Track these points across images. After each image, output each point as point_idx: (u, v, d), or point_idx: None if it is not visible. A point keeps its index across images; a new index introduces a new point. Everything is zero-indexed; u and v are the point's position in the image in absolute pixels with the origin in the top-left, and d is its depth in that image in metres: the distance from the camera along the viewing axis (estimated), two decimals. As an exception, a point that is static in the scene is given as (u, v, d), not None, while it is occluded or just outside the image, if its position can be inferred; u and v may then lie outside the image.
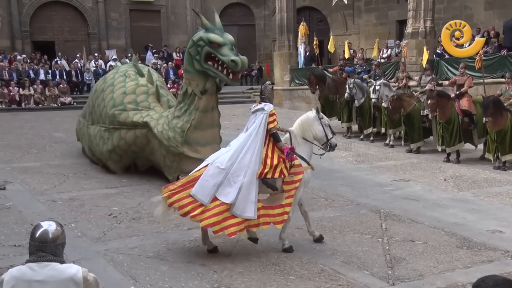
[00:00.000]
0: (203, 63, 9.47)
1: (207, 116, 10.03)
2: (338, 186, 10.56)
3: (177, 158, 10.14)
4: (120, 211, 8.73)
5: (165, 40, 29.51)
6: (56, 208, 8.89)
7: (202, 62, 9.47)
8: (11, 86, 22.52)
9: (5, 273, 3.25)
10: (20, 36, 27.20)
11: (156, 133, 10.28)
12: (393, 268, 6.51)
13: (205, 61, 9.43)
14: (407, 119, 13.89)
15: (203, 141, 10.11)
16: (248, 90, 26.82)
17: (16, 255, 6.65)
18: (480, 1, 22.53)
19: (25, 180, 10.66)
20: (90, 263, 6.25)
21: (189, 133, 9.98)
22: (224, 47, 9.15)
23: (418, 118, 13.72)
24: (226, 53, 9.10)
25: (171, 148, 10.09)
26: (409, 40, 18.70)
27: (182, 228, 7.93)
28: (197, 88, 9.78)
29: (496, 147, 12.04)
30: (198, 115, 9.90)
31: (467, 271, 6.42)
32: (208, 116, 10.05)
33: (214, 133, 10.30)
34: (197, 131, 10.01)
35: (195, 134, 10.02)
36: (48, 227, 3.25)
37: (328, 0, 25.37)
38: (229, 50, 9.15)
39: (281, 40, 24.02)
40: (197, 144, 10.08)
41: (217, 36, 9.24)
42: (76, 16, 28.51)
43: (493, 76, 14.82)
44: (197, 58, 9.53)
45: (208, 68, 9.48)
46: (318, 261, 6.71)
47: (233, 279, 6.14)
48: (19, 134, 16.39)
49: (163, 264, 6.58)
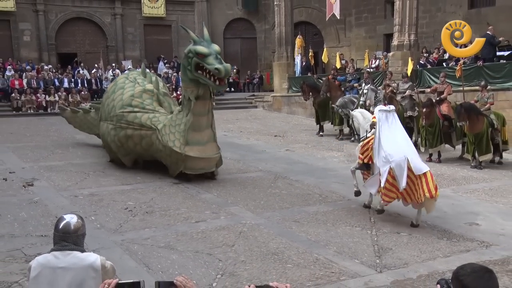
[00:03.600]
0: (194, 72, 9.77)
1: (203, 119, 10.21)
2: (331, 183, 10.55)
3: (181, 158, 10.23)
4: (134, 206, 8.73)
5: (176, 52, 29.49)
6: (77, 203, 8.90)
7: (193, 71, 9.78)
8: (39, 93, 22.59)
9: (32, 260, 3.26)
10: (47, 49, 27.24)
11: (164, 135, 10.36)
12: (380, 257, 6.50)
13: (195, 70, 9.74)
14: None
15: (203, 141, 10.30)
16: (250, 97, 26.75)
17: (42, 244, 6.65)
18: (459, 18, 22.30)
19: (51, 177, 10.67)
20: (108, 252, 6.25)
21: (189, 135, 10.13)
22: (209, 57, 9.44)
23: (402, 119, 13.68)
24: (211, 62, 9.39)
25: (174, 149, 10.18)
26: (395, 52, 18.71)
27: (191, 221, 7.93)
28: (192, 94, 10.02)
29: (474, 148, 12.05)
30: (195, 118, 10.05)
31: (447, 260, 6.42)
32: (204, 118, 10.24)
33: (210, 133, 10.50)
34: (196, 133, 10.17)
35: (194, 136, 10.17)
36: (70, 219, 3.25)
37: (322, 16, 25.35)
38: (213, 59, 9.43)
39: (280, 51, 24.02)
40: (198, 144, 10.22)
41: (203, 48, 9.54)
42: (96, 30, 28.55)
43: (470, 85, 14.78)
44: (188, 68, 9.88)
45: (198, 76, 9.77)
46: (313, 251, 6.70)
47: (236, 267, 6.14)
48: (46, 136, 16.39)
49: (173, 253, 6.58)
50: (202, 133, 10.28)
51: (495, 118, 12.29)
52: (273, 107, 24.21)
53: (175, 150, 10.18)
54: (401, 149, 7.60)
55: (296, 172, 11.51)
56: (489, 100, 12.67)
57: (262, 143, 15.66)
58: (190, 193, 9.66)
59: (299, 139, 16.55)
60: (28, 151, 13.61)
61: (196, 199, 9.24)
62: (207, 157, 10.38)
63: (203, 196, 9.47)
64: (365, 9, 26.53)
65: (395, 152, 7.53)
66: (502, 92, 14.37)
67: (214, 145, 10.60)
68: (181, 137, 10.16)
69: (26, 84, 22.90)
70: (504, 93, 14.38)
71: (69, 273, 3.14)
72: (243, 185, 10.33)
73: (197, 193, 9.64)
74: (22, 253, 6.49)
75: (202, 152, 10.29)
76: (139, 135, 10.85)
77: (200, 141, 10.25)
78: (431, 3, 23.29)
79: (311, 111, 19.70)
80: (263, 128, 18.81)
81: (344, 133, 16.76)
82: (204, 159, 10.37)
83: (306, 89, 17.87)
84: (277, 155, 13.69)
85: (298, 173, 11.40)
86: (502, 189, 10.15)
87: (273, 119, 21.48)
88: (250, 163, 12.21)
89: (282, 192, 9.85)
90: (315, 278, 5.86)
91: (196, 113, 10.05)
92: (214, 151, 10.57)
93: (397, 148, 7.59)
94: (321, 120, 17.52)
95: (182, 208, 8.63)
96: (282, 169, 11.89)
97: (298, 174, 11.34)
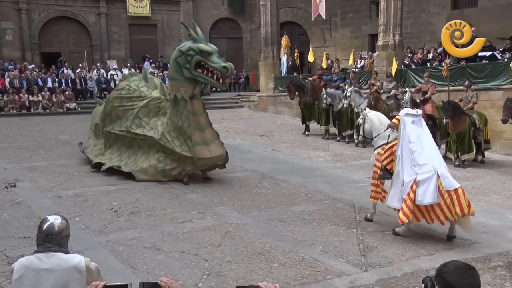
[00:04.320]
0: (193, 71, 9.54)
1: (201, 119, 10.07)
2: (317, 183, 10.58)
3: (190, 161, 10.06)
4: (120, 206, 8.67)
5: (161, 51, 29.39)
6: (62, 204, 8.81)
7: (192, 70, 9.54)
8: (22, 93, 22.30)
9: (15, 263, 3.22)
10: (30, 48, 26.93)
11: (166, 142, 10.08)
12: (366, 256, 6.53)
13: (194, 69, 9.50)
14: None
15: (208, 140, 10.15)
16: (236, 96, 26.74)
17: (25, 246, 6.58)
18: (442, 18, 22.71)
19: (34, 178, 10.56)
20: (92, 253, 6.20)
21: (195, 136, 9.91)
22: (213, 55, 9.29)
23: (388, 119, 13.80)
24: (216, 61, 9.24)
25: (183, 153, 9.98)
26: (380, 52, 18.84)
27: (176, 221, 7.90)
28: (186, 94, 9.81)
29: (457, 147, 12.18)
30: (194, 118, 9.88)
31: (431, 258, 6.48)
32: (202, 118, 10.10)
33: (212, 131, 10.37)
34: (200, 133, 10.01)
35: (200, 136, 10.00)
36: (54, 220, 3.23)
37: (308, 16, 25.45)
38: (217, 57, 9.30)
39: (266, 51, 24.04)
40: (205, 144, 10.06)
41: (205, 46, 9.37)
42: (80, 29, 28.29)
43: (454, 84, 14.94)
44: (186, 66, 9.61)
45: (197, 75, 9.58)
46: (299, 250, 6.72)
47: (222, 267, 6.13)
48: (29, 136, 16.21)
49: (159, 254, 6.55)
50: (206, 132, 10.14)
51: (477, 118, 12.47)
52: (259, 107, 24.22)
53: (184, 154, 9.97)
54: (430, 160, 6.96)
55: (282, 172, 11.53)
56: (473, 99, 12.84)
57: (248, 143, 15.67)
58: (176, 193, 9.63)
59: (285, 138, 16.59)
60: (10, 151, 13.46)
61: (182, 199, 9.21)
62: (215, 156, 10.23)
63: (189, 196, 9.44)
64: (351, 10, 26.69)
65: (423, 163, 6.92)
66: (484, 92, 14.55)
67: (218, 142, 10.45)
68: (189, 140, 9.90)
69: (8, 84, 22.59)
70: (486, 93, 14.57)
71: (53, 275, 3.11)
72: (229, 185, 10.32)
73: (183, 193, 9.61)
74: (4, 255, 6.41)
75: (211, 151, 10.15)
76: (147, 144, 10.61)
77: (207, 140, 10.11)
78: (415, 4, 23.51)
79: (297, 111, 19.75)
80: (249, 128, 18.81)
81: (330, 133, 16.83)
82: (212, 158, 10.25)
83: (292, 88, 17.92)
84: (263, 155, 13.71)
85: (284, 173, 11.42)
86: (485, 187, 10.27)
87: (259, 119, 21.50)
88: (236, 163, 12.20)
89: (268, 191, 9.86)
90: (301, 277, 5.87)
91: (193, 112, 9.87)
92: (220, 148, 10.42)
93: (425, 159, 6.96)
94: (307, 119, 17.58)
95: (168, 208, 8.60)
96: (268, 168, 11.91)
97: (284, 173, 11.37)
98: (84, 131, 14.21)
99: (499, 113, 12.47)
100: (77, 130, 16.49)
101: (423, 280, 2.48)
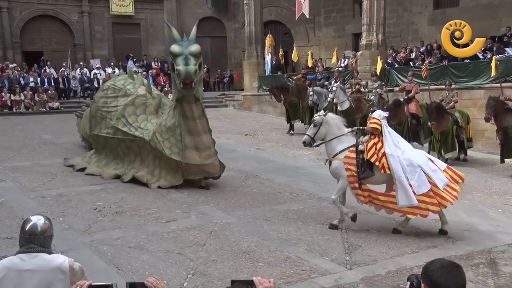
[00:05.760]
0: (172, 73, 9.47)
1: (196, 123, 9.51)
2: (302, 181, 10.60)
3: (181, 166, 9.74)
4: (104, 206, 8.60)
5: (145, 50, 29.20)
6: (45, 204, 8.71)
7: (171, 72, 9.46)
8: (3, 92, 21.97)
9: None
10: (11, 47, 26.57)
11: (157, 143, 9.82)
12: (350, 254, 6.57)
13: (173, 71, 9.31)
14: (364, 119, 14.03)
15: (202, 146, 9.66)
16: (220, 96, 26.68)
17: (8, 246, 6.48)
18: (424, 18, 22.98)
19: (16, 178, 10.42)
20: (76, 253, 6.13)
21: (185, 140, 9.52)
22: (178, 58, 8.71)
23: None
24: (177, 63, 8.71)
25: (172, 156, 9.67)
26: (363, 51, 18.95)
27: (161, 221, 7.86)
28: (174, 96, 9.70)
29: (440, 146, 12.31)
30: (185, 121, 9.43)
31: (415, 256, 6.54)
32: (198, 123, 9.52)
33: (208, 138, 9.79)
34: (192, 137, 9.54)
35: (191, 140, 9.55)
36: (37, 221, 3.19)
37: (292, 15, 25.49)
38: (181, 60, 8.65)
39: (250, 50, 24.04)
40: (197, 149, 9.62)
41: (175, 47, 8.82)
42: (63, 28, 27.97)
43: (436, 84, 15.10)
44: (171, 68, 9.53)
45: (173, 77, 9.44)
46: (284, 249, 6.73)
47: (207, 266, 6.11)
48: (11, 136, 15.99)
49: (144, 254, 6.51)
50: (200, 138, 9.58)
51: (459, 116, 12.62)
52: (244, 106, 24.21)
53: (173, 158, 9.62)
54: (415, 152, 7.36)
55: (267, 171, 11.53)
56: (454, 98, 12.97)
57: (232, 142, 15.64)
58: (160, 192, 9.57)
59: (269, 138, 16.60)
60: (-8, 151, 13.27)
61: (166, 199, 9.16)
62: (206, 163, 9.76)
63: (174, 195, 9.39)
64: (334, 9, 26.81)
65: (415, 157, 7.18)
66: (466, 91, 14.72)
67: (212, 151, 9.86)
68: (179, 143, 9.56)
69: (-11, 83, 22.28)
70: (468, 92, 14.74)
71: (36, 276, 3.08)
72: (214, 184, 10.28)
73: (167, 193, 9.55)
74: (-14, 256, 6.31)
75: (202, 158, 9.68)
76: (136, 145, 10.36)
77: (200, 145, 9.61)
78: (398, 3, 23.69)
79: (281, 110, 19.78)
80: (233, 127, 18.78)
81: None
82: (203, 166, 9.77)
83: (275, 92, 17.96)
84: (248, 154, 13.70)
85: (269, 172, 11.43)
86: (467, 185, 10.34)
87: (243, 118, 21.48)
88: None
89: (253, 191, 9.86)
90: (286, 276, 5.88)
91: (184, 115, 9.42)
92: (213, 157, 9.86)
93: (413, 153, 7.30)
94: (292, 118, 17.62)
95: (152, 208, 8.55)
96: (253, 168, 11.91)
97: (268, 172, 11.37)
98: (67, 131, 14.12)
99: (481, 112, 12.63)
100: (60, 130, 16.32)
101: (408, 278, 2.50)
